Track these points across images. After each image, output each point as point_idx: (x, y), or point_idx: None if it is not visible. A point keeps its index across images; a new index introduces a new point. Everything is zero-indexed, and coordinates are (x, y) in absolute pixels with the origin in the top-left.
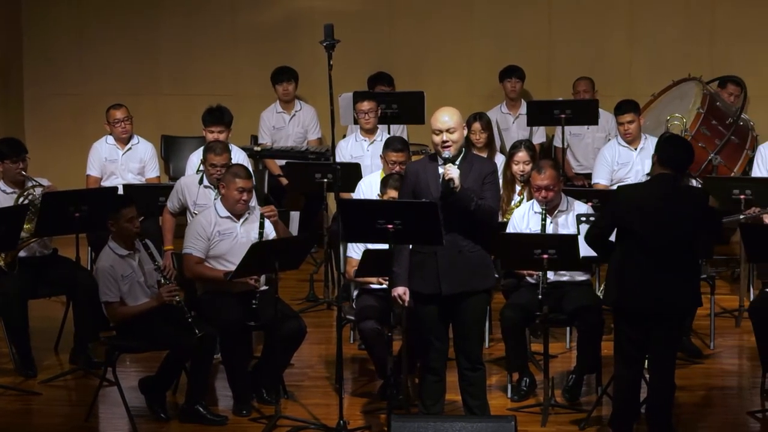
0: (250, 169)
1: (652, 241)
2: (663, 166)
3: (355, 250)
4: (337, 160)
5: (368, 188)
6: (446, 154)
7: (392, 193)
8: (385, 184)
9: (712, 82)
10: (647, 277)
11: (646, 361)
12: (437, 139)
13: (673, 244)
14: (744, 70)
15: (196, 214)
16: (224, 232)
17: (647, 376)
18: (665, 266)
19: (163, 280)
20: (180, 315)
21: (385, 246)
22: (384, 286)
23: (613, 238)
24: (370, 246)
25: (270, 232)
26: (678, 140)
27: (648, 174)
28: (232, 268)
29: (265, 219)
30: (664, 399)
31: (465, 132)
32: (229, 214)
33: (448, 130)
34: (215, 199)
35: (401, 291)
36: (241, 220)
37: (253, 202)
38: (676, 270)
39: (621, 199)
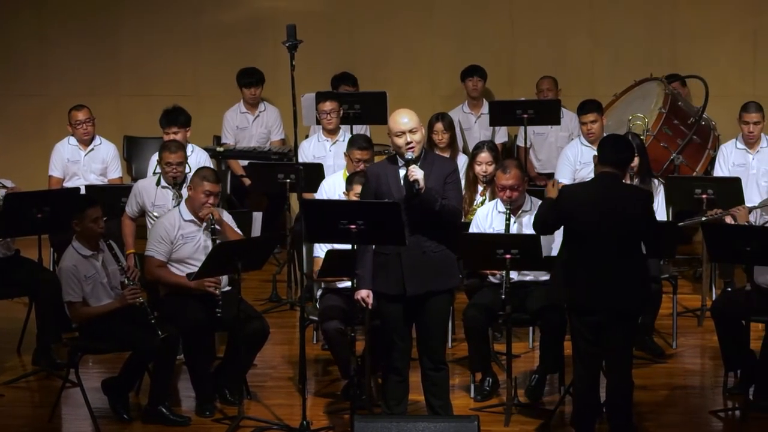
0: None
1: (596, 240)
2: (604, 165)
3: (322, 250)
4: (300, 160)
5: (331, 188)
6: (409, 155)
7: (358, 189)
8: (350, 181)
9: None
10: (593, 277)
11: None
12: (400, 141)
13: (617, 243)
14: (705, 70)
15: (155, 216)
16: (187, 236)
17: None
18: (610, 265)
19: (126, 281)
20: (143, 316)
21: (348, 246)
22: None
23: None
24: (335, 246)
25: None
26: (617, 139)
27: None
28: (195, 270)
29: (214, 224)
30: (622, 397)
31: (424, 131)
32: (192, 218)
33: (410, 131)
34: (173, 198)
35: (364, 294)
36: (205, 224)
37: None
38: (621, 270)
39: (566, 198)
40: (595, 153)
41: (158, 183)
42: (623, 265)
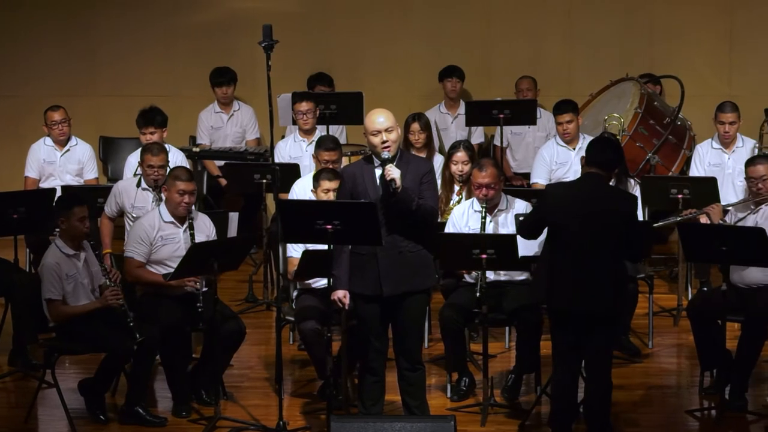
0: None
1: (579, 240)
2: (591, 167)
3: (296, 250)
4: (276, 160)
5: (302, 190)
6: (385, 154)
7: (326, 185)
8: (317, 179)
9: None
10: (575, 277)
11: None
12: (376, 140)
13: (599, 244)
14: (681, 70)
15: (134, 216)
16: (167, 237)
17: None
18: (589, 267)
19: (108, 282)
20: (121, 318)
21: (324, 246)
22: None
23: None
24: (310, 246)
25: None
26: (606, 141)
27: None
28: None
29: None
30: (600, 398)
31: (400, 131)
32: (172, 219)
33: (386, 130)
34: (153, 201)
35: (341, 294)
36: (185, 226)
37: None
38: (599, 272)
39: (549, 197)
40: (571, 153)
41: (139, 184)
42: (605, 266)
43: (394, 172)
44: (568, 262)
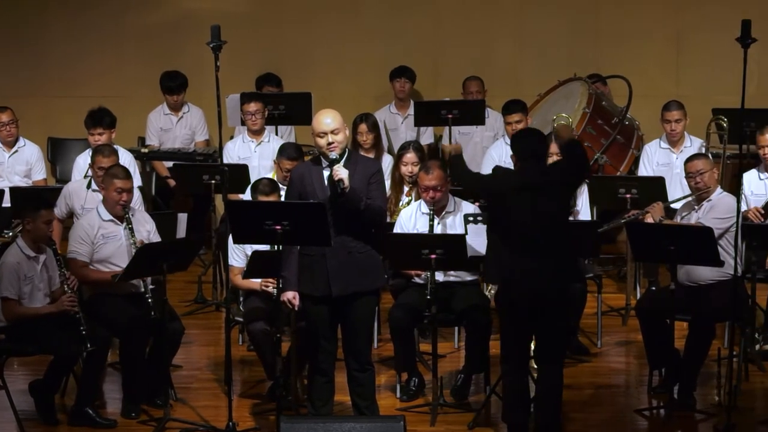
0: (137, 170)
1: (528, 226)
2: (522, 161)
3: (235, 259)
4: (225, 161)
5: None
6: (332, 155)
7: (262, 198)
8: (255, 190)
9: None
10: (525, 265)
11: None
12: (322, 141)
13: (546, 227)
14: (629, 70)
15: None
16: (108, 236)
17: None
18: (540, 250)
19: (66, 289)
20: (74, 323)
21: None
22: (269, 289)
23: None
24: (258, 247)
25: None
26: (522, 132)
27: None
28: (118, 270)
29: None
30: (553, 397)
31: (348, 132)
32: (112, 217)
33: (332, 131)
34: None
35: (291, 295)
36: (125, 223)
37: (138, 204)
38: (552, 253)
39: (496, 178)
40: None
41: (89, 186)
42: (554, 248)
43: (341, 172)
44: (520, 248)
